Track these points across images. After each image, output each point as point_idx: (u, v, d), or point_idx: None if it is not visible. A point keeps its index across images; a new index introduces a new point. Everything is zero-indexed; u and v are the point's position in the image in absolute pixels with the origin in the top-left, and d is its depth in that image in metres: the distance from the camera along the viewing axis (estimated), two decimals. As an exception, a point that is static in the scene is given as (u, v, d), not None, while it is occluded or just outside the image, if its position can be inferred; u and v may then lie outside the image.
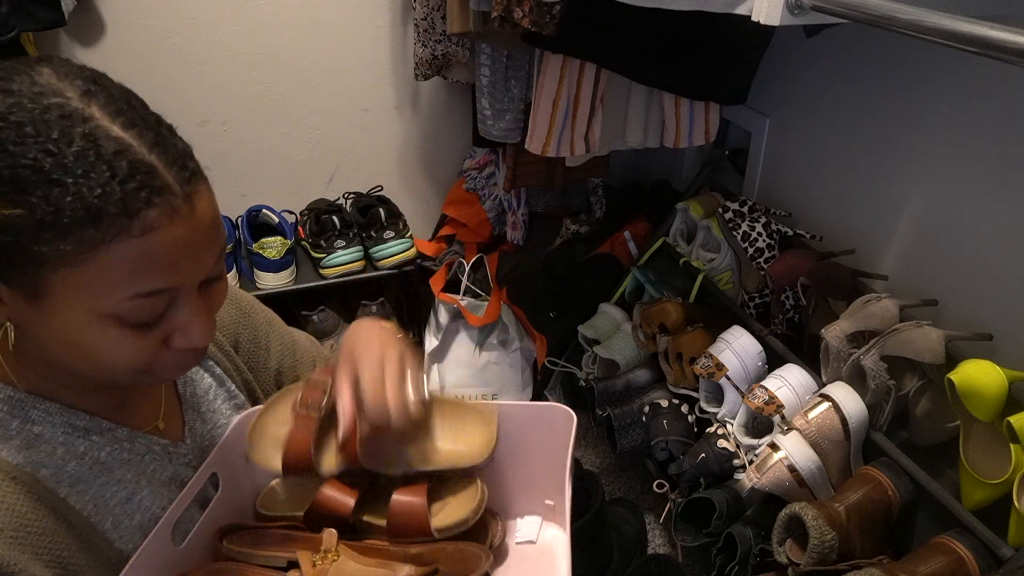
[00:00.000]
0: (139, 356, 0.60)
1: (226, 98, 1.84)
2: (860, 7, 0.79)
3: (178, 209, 0.55)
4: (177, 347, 0.61)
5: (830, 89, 1.48)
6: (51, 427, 0.66)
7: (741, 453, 1.38)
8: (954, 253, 1.26)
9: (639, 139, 1.62)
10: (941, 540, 1.08)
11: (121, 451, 0.70)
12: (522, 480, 0.84)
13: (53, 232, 0.51)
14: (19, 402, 0.64)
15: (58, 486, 0.64)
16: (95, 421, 0.69)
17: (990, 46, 0.65)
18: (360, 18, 1.85)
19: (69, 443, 0.66)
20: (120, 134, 0.53)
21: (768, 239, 1.50)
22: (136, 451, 0.71)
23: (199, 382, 0.82)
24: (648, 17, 1.14)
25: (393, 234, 1.87)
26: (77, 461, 0.66)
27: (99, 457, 0.68)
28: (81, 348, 0.58)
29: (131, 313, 0.56)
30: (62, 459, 0.65)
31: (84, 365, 0.61)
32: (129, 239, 0.53)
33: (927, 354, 1.17)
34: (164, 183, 0.54)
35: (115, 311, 0.56)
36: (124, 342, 0.58)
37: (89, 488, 0.66)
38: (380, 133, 2.02)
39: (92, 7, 1.65)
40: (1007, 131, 1.14)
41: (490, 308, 1.99)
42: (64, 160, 0.51)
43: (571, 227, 2.01)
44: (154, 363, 0.61)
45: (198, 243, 0.57)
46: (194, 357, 0.65)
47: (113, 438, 0.70)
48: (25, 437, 0.64)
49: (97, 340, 0.57)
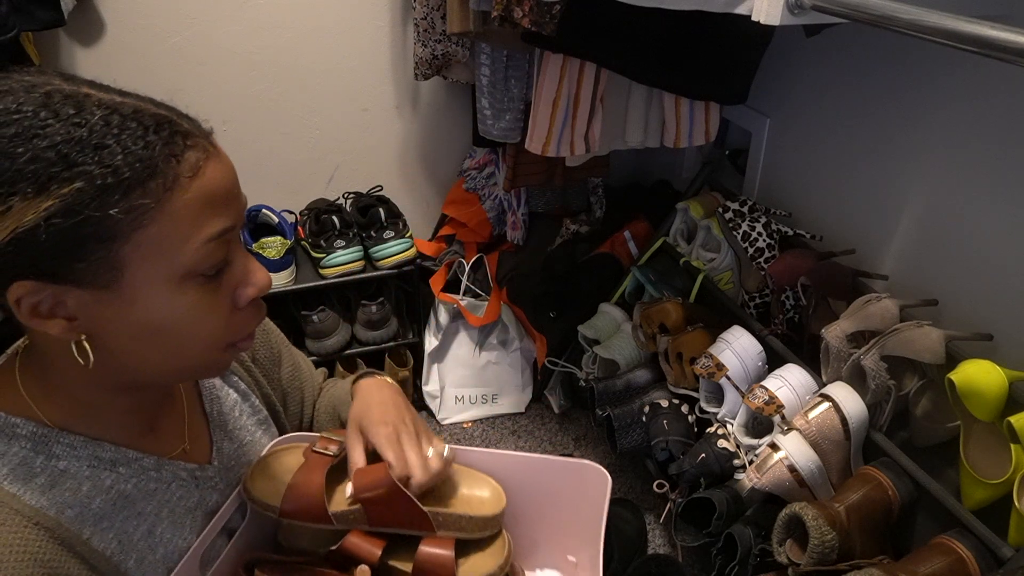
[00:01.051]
0: (222, 321, 0.60)
1: (226, 98, 1.84)
2: (860, 7, 0.79)
3: (209, 150, 0.57)
4: (245, 299, 0.61)
5: (830, 89, 1.48)
6: (76, 461, 0.63)
7: (741, 453, 1.38)
8: (954, 253, 1.26)
9: (639, 139, 1.62)
10: (941, 540, 1.08)
11: (148, 481, 0.68)
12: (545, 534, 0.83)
13: (119, 192, 0.52)
14: (43, 437, 0.62)
15: (82, 527, 0.62)
16: (121, 452, 0.66)
17: (990, 46, 0.65)
18: (360, 18, 1.85)
19: (95, 477, 0.64)
20: (123, 100, 0.55)
21: (768, 239, 1.50)
22: (163, 479, 0.70)
23: (224, 399, 0.81)
24: (648, 17, 1.14)
25: (393, 234, 1.87)
26: (102, 497, 0.64)
27: (124, 490, 0.66)
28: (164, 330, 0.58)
29: (205, 262, 0.57)
30: (87, 496, 0.63)
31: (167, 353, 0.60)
32: (185, 182, 0.54)
33: (927, 354, 1.17)
34: (187, 129, 0.56)
35: (191, 264, 0.56)
36: (206, 303, 0.58)
37: (113, 525, 0.64)
38: (380, 133, 2.02)
39: (92, 7, 1.65)
40: (1007, 131, 1.14)
41: (490, 308, 1.99)
42: (95, 128, 0.52)
43: (571, 227, 2.01)
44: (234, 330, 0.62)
45: (234, 181, 0.60)
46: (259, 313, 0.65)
47: (139, 468, 0.68)
48: (50, 475, 0.61)
49: (179, 310, 0.57)
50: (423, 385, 2.08)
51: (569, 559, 0.85)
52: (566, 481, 0.81)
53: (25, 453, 0.61)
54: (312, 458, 0.76)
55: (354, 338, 1.97)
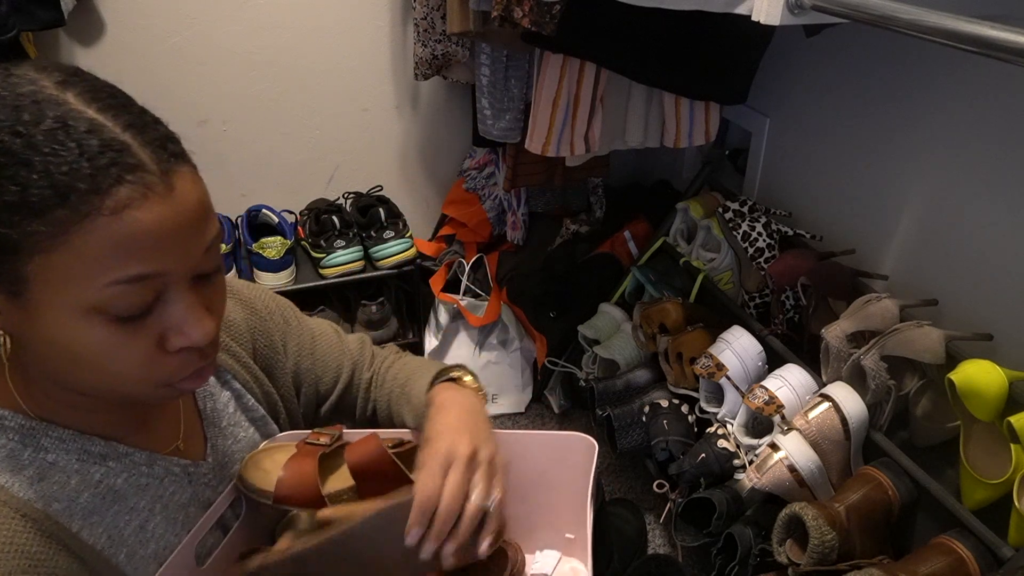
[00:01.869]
0: (139, 360, 0.57)
1: (226, 98, 1.84)
2: (860, 7, 0.79)
3: (153, 187, 0.52)
4: (174, 347, 0.57)
5: (830, 89, 1.48)
6: (65, 454, 0.63)
7: (741, 453, 1.38)
8: (954, 253, 1.26)
9: (639, 139, 1.62)
10: (941, 540, 1.08)
11: (139, 476, 0.68)
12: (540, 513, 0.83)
13: (22, 214, 0.49)
14: (30, 430, 0.62)
15: (71, 521, 0.62)
16: (111, 446, 0.66)
17: (990, 46, 0.65)
18: (360, 18, 1.85)
19: (84, 471, 0.64)
20: (94, 116, 0.52)
21: (768, 239, 1.50)
22: (155, 475, 0.69)
23: (218, 396, 0.80)
24: (648, 17, 1.14)
25: (393, 234, 1.87)
26: (91, 491, 0.64)
27: (114, 484, 0.66)
28: (73, 352, 0.55)
29: (113, 303, 0.53)
30: (75, 490, 0.63)
31: (85, 375, 0.57)
32: (101, 218, 0.50)
33: (927, 354, 1.17)
34: (137, 160, 0.52)
35: (96, 301, 0.52)
36: (115, 341, 0.55)
37: (103, 520, 0.64)
38: (380, 133, 2.02)
39: (92, 7, 1.65)
40: (1007, 131, 1.14)
41: (490, 308, 1.99)
42: (32, 140, 0.49)
43: (571, 227, 2.01)
44: (163, 371, 0.58)
45: (182, 227, 0.54)
46: (200, 359, 0.60)
47: (130, 463, 0.67)
48: (38, 467, 0.61)
49: (87, 339, 0.54)
50: (423, 385, 2.07)
51: (567, 536, 0.84)
52: (555, 454, 0.80)
53: (13, 445, 0.61)
54: (304, 448, 0.77)
55: (354, 338, 1.97)
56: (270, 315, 0.87)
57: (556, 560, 0.84)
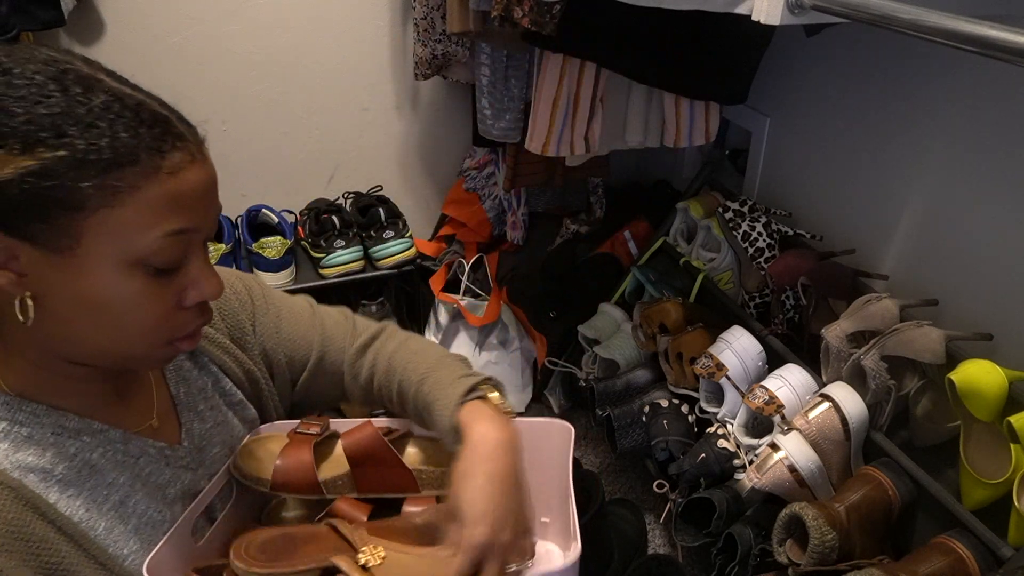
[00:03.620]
0: (160, 314, 0.62)
1: (226, 98, 1.84)
2: (860, 7, 0.79)
3: (195, 155, 0.61)
4: (190, 302, 0.64)
5: (830, 89, 1.48)
6: (40, 428, 0.64)
7: (741, 453, 1.38)
8: (954, 253, 1.26)
9: (639, 139, 1.62)
10: (941, 540, 1.08)
11: (115, 452, 0.69)
12: None
13: (97, 168, 0.55)
14: (4, 404, 0.63)
15: (48, 492, 0.63)
16: (85, 422, 0.67)
17: (990, 46, 0.65)
18: (360, 18, 1.85)
19: (59, 444, 0.65)
20: (132, 92, 0.60)
21: (768, 239, 1.50)
22: (130, 453, 0.70)
23: (194, 381, 0.81)
24: (648, 17, 1.14)
25: (393, 234, 1.87)
26: (67, 464, 0.65)
27: (90, 459, 0.67)
28: (105, 308, 0.60)
29: (158, 255, 0.59)
30: (50, 463, 0.64)
31: (101, 334, 0.62)
32: (163, 177, 0.58)
33: (927, 354, 1.17)
34: (180, 132, 0.60)
35: (144, 253, 0.59)
36: (148, 293, 0.61)
37: (80, 492, 0.65)
38: (380, 133, 2.02)
39: (92, 7, 1.65)
40: (1007, 131, 1.14)
41: (490, 308, 1.99)
42: (94, 108, 0.56)
43: (571, 227, 2.01)
44: (172, 327, 0.64)
45: (211, 190, 0.64)
46: (200, 317, 0.67)
47: (105, 439, 0.68)
48: (13, 439, 0.63)
49: (123, 290, 0.59)
50: (423, 385, 2.07)
51: (542, 520, 0.85)
52: (532, 441, 0.79)
53: None
54: (296, 436, 0.78)
55: (354, 338, 1.97)
56: (236, 295, 0.88)
57: None
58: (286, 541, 0.70)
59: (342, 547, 0.70)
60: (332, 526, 0.72)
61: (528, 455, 0.79)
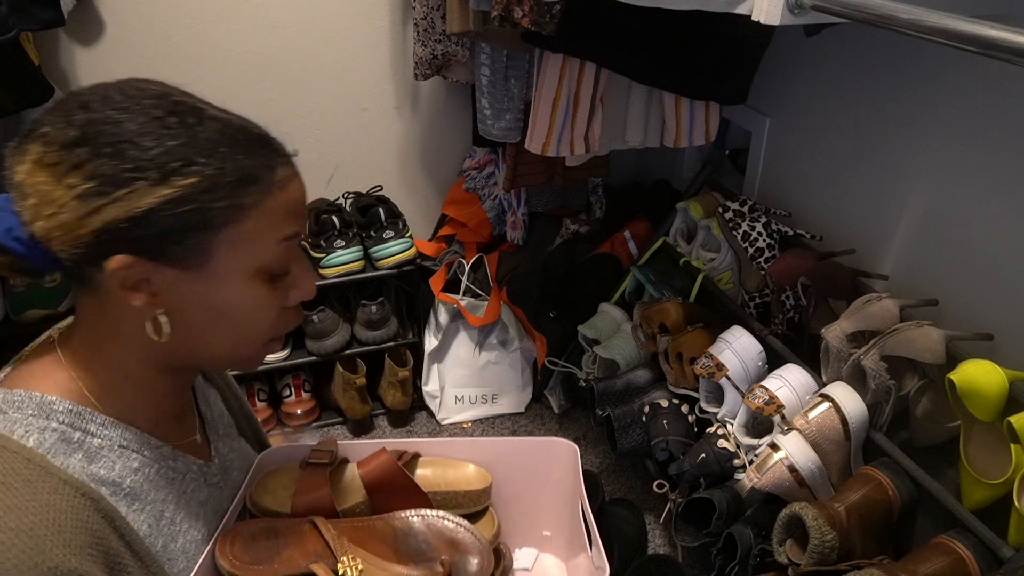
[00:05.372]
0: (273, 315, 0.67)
1: (225, 98, 1.82)
2: (860, 7, 0.79)
3: (294, 168, 0.67)
4: (294, 302, 0.69)
5: (830, 89, 1.48)
6: (108, 440, 0.65)
7: (741, 453, 1.38)
8: (954, 253, 1.26)
9: (639, 139, 1.62)
10: (941, 540, 1.08)
11: (167, 469, 0.70)
12: (522, 512, 0.86)
13: (226, 190, 0.60)
14: (78, 415, 0.63)
15: (119, 505, 0.63)
16: (145, 437, 0.68)
17: (990, 46, 0.65)
18: (360, 18, 1.85)
19: (125, 456, 0.66)
20: (235, 118, 0.65)
21: (768, 239, 1.50)
22: (178, 470, 0.71)
23: (212, 403, 0.83)
24: (648, 17, 1.14)
25: (393, 234, 1.87)
26: (132, 478, 0.65)
27: (149, 474, 0.67)
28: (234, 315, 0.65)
29: (276, 260, 0.65)
30: (120, 475, 0.64)
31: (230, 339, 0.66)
32: (276, 191, 0.63)
33: (927, 354, 1.17)
34: (279, 148, 0.66)
35: (266, 260, 0.64)
36: (266, 296, 0.66)
37: (144, 507, 0.66)
38: (380, 133, 2.02)
39: (92, 7, 1.65)
40: (1007, 131, 1.14)
41: (490, 308, 1.99)
42: (211, 136, 0.61)
43: (571, 227, 2.01)
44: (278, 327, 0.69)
45: (305, 199, 0.69)
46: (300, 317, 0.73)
47: (160, 455, 0.69)
48: (87, 450, 0.63)
49: (248, 299, 0.64)
50: (423, 385, 2.08)
51: (544, 534, 0.88)
52: (537, 459, 0.85)
53: (63, 428, 0.62)
54: (310, 468, 0.80)
55: (354, 338, 1.97)
56: None
57: (534, 557, 0.88)
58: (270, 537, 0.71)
59: (323, 551, 0.70)
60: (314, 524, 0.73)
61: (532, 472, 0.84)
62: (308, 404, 2.01)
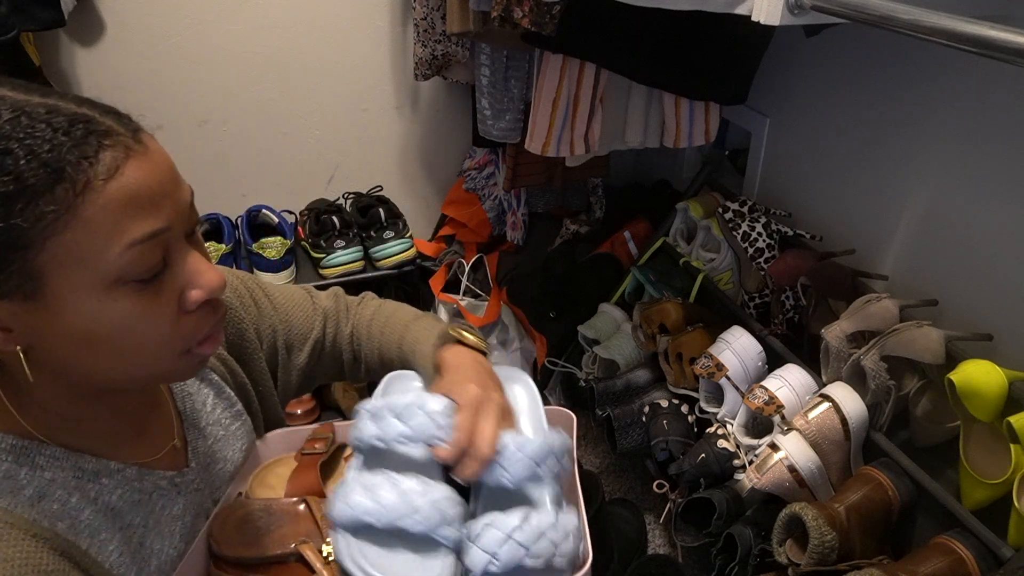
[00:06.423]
0: (165, 325, 0.57)
1: (226, 98, 1.84)
2: (860, 7, 0.79)
3: (131, 147, 0.53)
4: (194, 303, 0.58)
5: (830, 89, 1.48)
6: (61, 472, 0.61)
7: (741, 453, 1.38)
8: (954, 253, 1.26)
9: (639, 139, 1.62)
10: (941, 540, 1.08)
11: (132, 492, 0.66)
12: None
13: (23, 200, 0.49)
14: (23, 449, 0.60)
15: (78, 538, 0.60)
16: (102, 463, 0.64)
17: (990, 46, 0.65)
18: (360, 18, 1.85)
19: (81, 488, 0.62)
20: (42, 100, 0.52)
21: (768, 239, 1.50)
22: (144, 490, 0.68)
23: (196, 394, 0.79)
24: (648, 17, 1.14)
25: (393, 234, 1.87)
26: (91, 508, 0.62)
27: (111, 502, 0.64)
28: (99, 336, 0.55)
29: (132, 267, 0.54)
30: (76, 508, 0.61)
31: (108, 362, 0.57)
32: (99, 183, 0.51)
33: (927, 354, 1.17)
34: (106, 127, 0.53)
35: (117, 270, 0.53)
36: (142, 308, 0.55)
37: (111, 537, 0.62)
38: (380, 133, 2.02)
39: (92, 7, 1.65)
40: (1007, 131, 1.14)
41: (490, 308, 1.99)
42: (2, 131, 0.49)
43: (571, 227, 2.01)
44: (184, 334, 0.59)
45: (166, 182, 0.56)
46: (213, 314, 0.61)
47: (123, 479, 0.66)
48: (37, 486, 0.59)
49: (113, 314, 0.54)
50: (423, 385, 2.07)
51: None
52: None
53: (8, 466, 0.59)
54: (303, 460, 0.80)
55: (354, 338, 1.97)
56: (240, 300, 0.86)
57: None
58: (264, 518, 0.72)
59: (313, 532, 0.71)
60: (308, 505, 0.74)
61: None
62: (308, 404, 2.00)
